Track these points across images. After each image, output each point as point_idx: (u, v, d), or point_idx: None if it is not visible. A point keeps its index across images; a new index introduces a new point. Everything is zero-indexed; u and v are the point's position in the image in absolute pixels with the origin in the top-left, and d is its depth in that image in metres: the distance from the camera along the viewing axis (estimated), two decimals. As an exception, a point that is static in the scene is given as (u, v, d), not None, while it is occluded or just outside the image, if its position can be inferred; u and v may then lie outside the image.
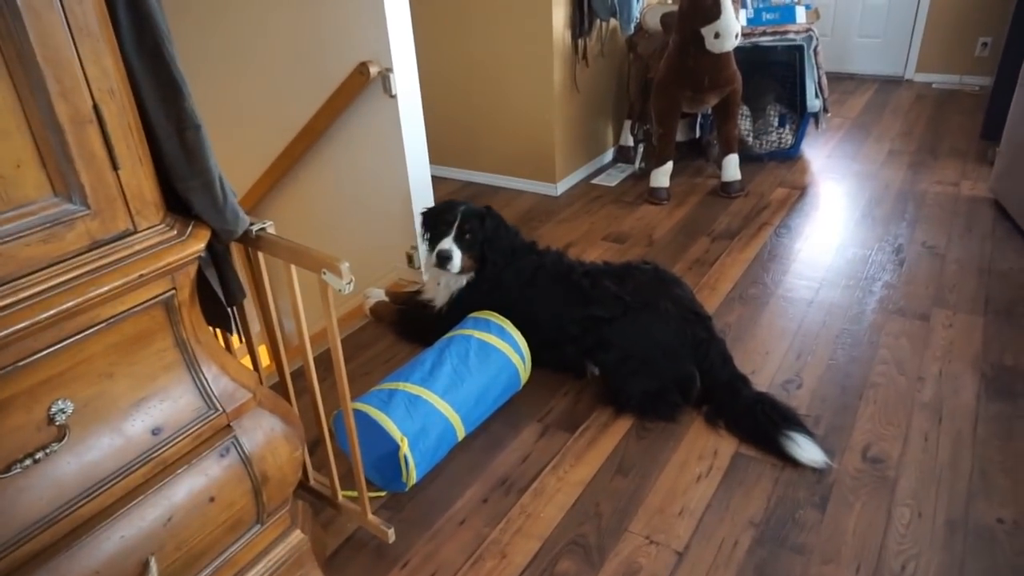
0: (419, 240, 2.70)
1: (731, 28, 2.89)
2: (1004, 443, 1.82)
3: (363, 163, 2.69)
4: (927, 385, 2.05)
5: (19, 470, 0.91)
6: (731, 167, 3.44)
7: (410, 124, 2.53)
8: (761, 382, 2.08)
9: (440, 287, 2.31)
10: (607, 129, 4.02)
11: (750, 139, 3.89)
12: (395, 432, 1.66)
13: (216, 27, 2.82)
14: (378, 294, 2.60)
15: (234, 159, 2.93)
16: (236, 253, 1.34)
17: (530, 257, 2.25)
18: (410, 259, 2.78)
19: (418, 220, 2.66)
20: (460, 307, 2.23)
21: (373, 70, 2.40)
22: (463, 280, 2.25)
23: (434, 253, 2.19)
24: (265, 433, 1.21)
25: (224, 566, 1.23)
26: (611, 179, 3.81)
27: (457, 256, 2.17)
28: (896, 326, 2.33)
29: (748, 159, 3.78)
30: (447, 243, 2.17)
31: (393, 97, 2.44)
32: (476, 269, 2.24)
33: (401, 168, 2.58)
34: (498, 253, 2.21)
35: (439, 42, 3.59)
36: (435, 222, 2.26)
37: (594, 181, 3.80)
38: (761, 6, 3.63)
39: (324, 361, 2.02)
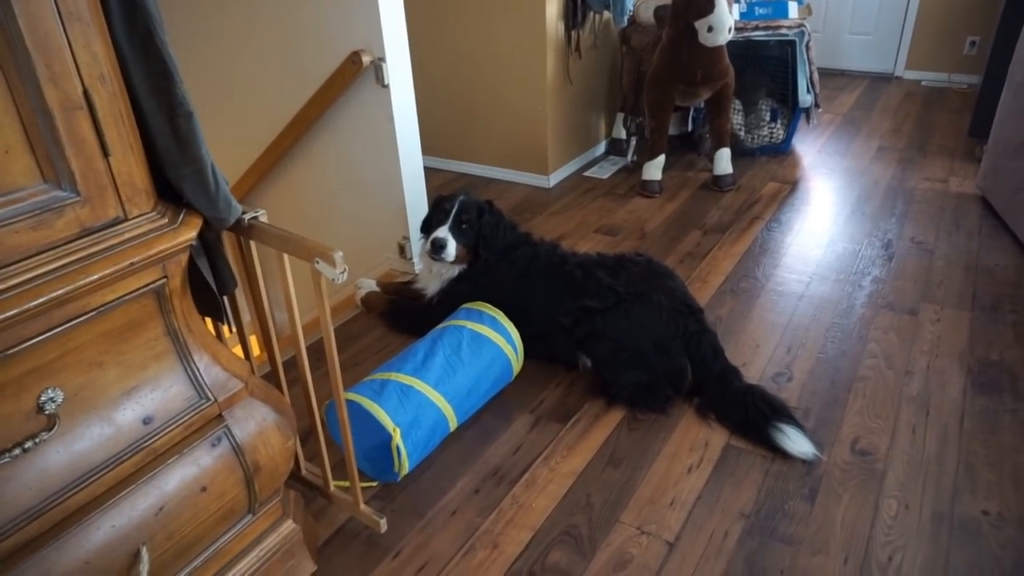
0: (411, 230, 2.69)
1: (724, 22, 2.89)
2: (989, 437, 1.84)
3: (355, 153, 2.68)
4: (915, 379, 2.07)
5: (7, 459, 0.90)
6: (723, 161, 3.45)
7: (403, 114, 2.51)
8: (752, 375, 2.09)
9: (432, 276, 2.31)
10: (600, 122, 4.02)
11: (742, 133, 3.90)
12: (388, 423, 1.66)
13: (208, 14, 2.79)
14: (369, 284, 2.59)
15: (225, 148, 2.89)
16: (228, 242, 1.33)
17: (525, 248, 2.24)
18: (402, 249, 2.77)
19: (411, 211, 2.66)
20: (452, 297, 2.22)
21: (366, 59, 2.38)
22: (455, 270, 2.25)
23: (428, 241, 2.18)
24: (257, 423, 1.21)
25: (215, 556, 1.23)
26: (603, 172, 3.81)
27: (451, 245, 2.16)
28: (885, 320, 2.35)
29: (740, 153, 3.80)
30: (443, 231, 2.16)
31: (386, 87, 2.43)
32: (470, 261, 2.24)
33: (393, 158, 2.56)
34: (491, 251, 2.20)
35: (432, 32, 3.56)
36: (433, 211, 2.25)
37: (586, 173, 3.80)
38: (754, 1, 3.63)
39: (315, 351, 2.01)
